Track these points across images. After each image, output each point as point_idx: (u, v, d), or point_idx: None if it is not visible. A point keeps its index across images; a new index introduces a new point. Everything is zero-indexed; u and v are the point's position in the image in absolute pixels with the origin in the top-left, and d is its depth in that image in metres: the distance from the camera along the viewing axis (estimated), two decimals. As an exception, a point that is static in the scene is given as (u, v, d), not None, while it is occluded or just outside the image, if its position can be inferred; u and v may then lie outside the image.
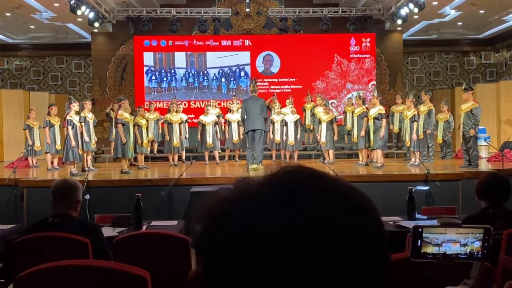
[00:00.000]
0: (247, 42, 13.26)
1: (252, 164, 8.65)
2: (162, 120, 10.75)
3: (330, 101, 12.54)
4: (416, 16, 12.13)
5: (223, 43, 13.26)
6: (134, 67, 13.22)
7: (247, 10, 13.07)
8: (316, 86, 13.17)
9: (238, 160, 10.97)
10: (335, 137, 10.10)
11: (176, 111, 10.48)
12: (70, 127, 8.63)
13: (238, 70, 13.32)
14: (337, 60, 13.26)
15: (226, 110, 11.26)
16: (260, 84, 12.43)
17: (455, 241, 1.63)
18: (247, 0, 12.67)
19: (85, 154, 9.11)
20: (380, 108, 9.16)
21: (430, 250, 1.62)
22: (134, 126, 9.21)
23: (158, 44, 13.16)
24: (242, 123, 9.72)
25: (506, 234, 2.84)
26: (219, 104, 12.52)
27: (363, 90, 13.06)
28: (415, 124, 9.12)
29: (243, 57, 13.29)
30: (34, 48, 14.81)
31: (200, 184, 7.20)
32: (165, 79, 13.26)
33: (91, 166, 9.21)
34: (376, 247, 0.55)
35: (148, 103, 12.12)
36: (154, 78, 13.25)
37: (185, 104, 12.26)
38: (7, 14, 11.80)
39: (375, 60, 13.30)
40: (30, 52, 14.97)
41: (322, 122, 10.09)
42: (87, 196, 5.65)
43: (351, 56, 13.25)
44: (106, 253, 3.05)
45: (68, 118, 8.66)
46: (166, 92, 13.23)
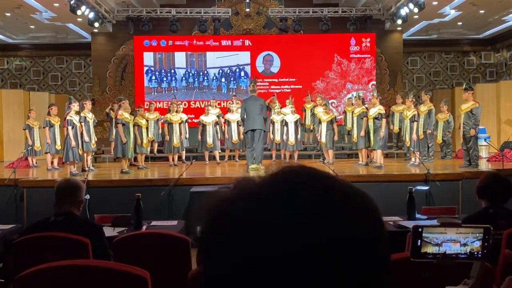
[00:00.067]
0: (247, 42, 13.26)
1: (252, 164, 8.65)
2: (162, 120, 10.75)
3: (330, 101, 12.53)
4: (416, 16, 12.13)
5: (223, 43, 13.26)
6: (134, 67, 13.22)
7: (247, 10, 13.07)
8: (316, 86, 13.17)
9: (238, 160, 10.98)
10: (335, 137, 10.10)
11: (176, 111, 10.48)
12: (70, 127, 8.64)
13: (238, 70, 13.32)
14: (337, 60, 13.26)
15: (226, 110, 11.26)
16: (260, 84, 12.43)
17: (455, 240, 1.63)
18: (247, 0, 12.67)
19: (85, 154, 9.11)
20: (380, 108, 9.16)
21: (430, 250, 1.62)
22: (134, 126, 9.22)
23: (158, 44, 13.16)
24: (241, 122, 9.73)
25: (506, 234, 2.84)
26: (219, 104, 12.52)
27: (363, 90, 13.06)
28: (415, 124, 9.13)
29: (243, 57, 13.29)
30: (34, 48, 14.81)
31: (200, 184, 7.20)
32: (165, 79, 13.26)
33: (91, 166, 9.21)
34: (376, 247, 0.55)
35: (148, 103, 12.12)
36: (154, 78, 13.25)
37: (185, 104, 12.26)
38: (7, 14, 11.80)
39: (375, 60, 13.30)
40: (30, 52, 14.97)
41: (322, 122, 10.09)
42: (87, 196, 5.62)
43: (351, 56, 13.25)
44: (107, 253, 3.05)
45: (68, 118, 8.66)
46: (166, 92, 13.23)
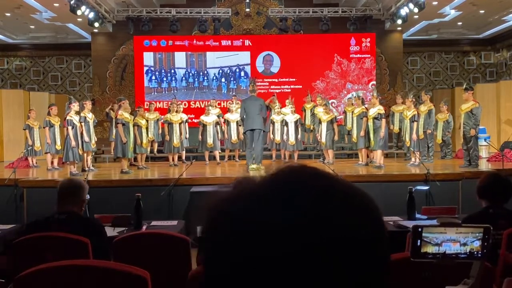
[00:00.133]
0: (247, 42, 13.25)
1: (252, 164, 8.65)
2: (162, 120, 10.75)
3: (330, 101, 12.53)
4: (416, 16, 12.13)
5: (223, 43, 13.26)
6: (134, 67, 13.21)
7: (247, 10, 13.06)
8: (316, 86, 13.17)
9: (238, 160, 10.98)
10: (336, 137, 10.10)
11: (176, 111, 10.48)
12: (70, 127, 8.64)
13: (238, 70, 13.32)
14: (337, 60, 13.26)
15: (226, 110, 11.26)
16: (260, 84, 12.44)
17: (455, 240, 1.63)
18: (247, 0, 12.67)
19: (85, 154, 9.11)
20: (379, 108, 9.16)
21: (430, 249, 1.62)
22: (133, 126, 9.22)
23: (158, 44, 13.16)
24: (241, 122, 9.73)
25: (506, 234, 2.84)
26: (219, 104, 12.52)
27: (363, 90, 13.05)
28: (415, 124, 9.13)
29: (243, 57, 13.28)
30: (34, 48, 14.81)
31: (200, 184, 7.20)
32: (165, 79, 13.26)
33: (91, 166, 9.21)
34: (376, 247, 0.55)
35: (148, 103, 12.12)
36: (154, 78, 13.25)
37: (185, 104, 12.25)
38: (7, 14, 11.79)
39: (375, 60, 13.29)
40: (30, 52, 14.97)
41: (322, 122, 10.09)
42: (87, 196, 5.64)
43: (351, 56, 13.24)
44: (108, 253, 3.05)
45: (68, 118, 8.66)
46: (166, 92, 13.23)
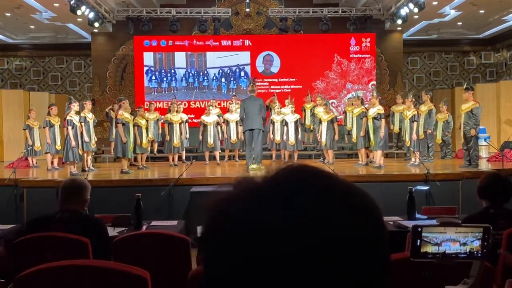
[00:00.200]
0: (247, 42, 13.25)
1: (252, 164, 8.65)
2: (162, 120, 10.75)
3: (330, 101, 12.53)
4: (416, 16, 12.13)
5: (223, 43, 13.26)
6: (134, 67, 13.21)
7: (247, 10, 13.06)
8: (316, 86, 13.16)
9: (238, 160, 10.98)
10: (336, 137, 10.10)
11: (177, 111, 10.47)
12: (70, 127, 8.64)
13: (238, 70, 13.32)
14: (337, 60, 13.26)
15: (226, 110, 11.26)
16: (260, 84, 12.44)
17: (455, 240, 1.63)
18: (247, 0, 12.66)
19: (85, 154, 9.11)
20: (379, 108, 9.16)
21: (430, 249, 1.62)
22: (133, 126, 9.22)
23: (158, 44, 13.16)
24: (241, 122, 9.73)
25: (506, 234, 2.84)
26: (219, 104, 12.52)
27: (363, 90, 13.06)
28: (415, 124, 9.12)
29: (243, 57, 13.28)
30: (34, 48, 14.80)
31: (200, 184, 7.20)
32: (165, 79, 13.26)
33: (91, 166, 9.21)
34: (376, 247, 0.55)
35: (148, 103, 12.12)
36: (154, 78, 13.24)
37: (185, 104, 12.25)
38: (7, 14, 11.79)
39: (375, 60, 13.29)
40: (30, 52, 14.97)
41: (322, 122, 10.09)
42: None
43: (351, 56, 13.24)
44: (108, 252, 3.05)
45: (68, 118, 8.66)
46: (166, 92, 13.23)
